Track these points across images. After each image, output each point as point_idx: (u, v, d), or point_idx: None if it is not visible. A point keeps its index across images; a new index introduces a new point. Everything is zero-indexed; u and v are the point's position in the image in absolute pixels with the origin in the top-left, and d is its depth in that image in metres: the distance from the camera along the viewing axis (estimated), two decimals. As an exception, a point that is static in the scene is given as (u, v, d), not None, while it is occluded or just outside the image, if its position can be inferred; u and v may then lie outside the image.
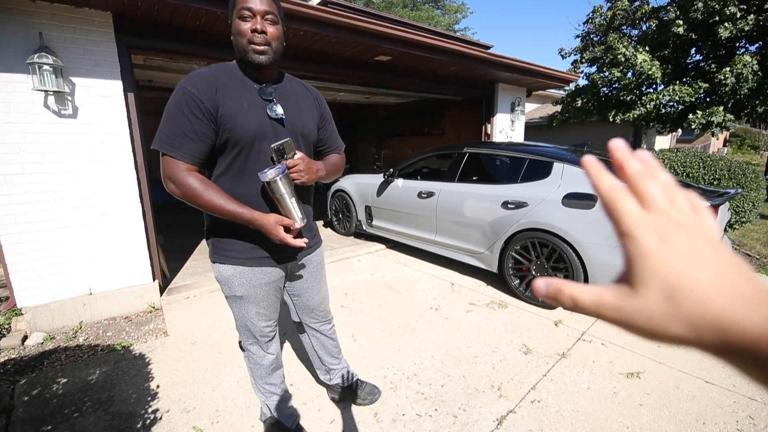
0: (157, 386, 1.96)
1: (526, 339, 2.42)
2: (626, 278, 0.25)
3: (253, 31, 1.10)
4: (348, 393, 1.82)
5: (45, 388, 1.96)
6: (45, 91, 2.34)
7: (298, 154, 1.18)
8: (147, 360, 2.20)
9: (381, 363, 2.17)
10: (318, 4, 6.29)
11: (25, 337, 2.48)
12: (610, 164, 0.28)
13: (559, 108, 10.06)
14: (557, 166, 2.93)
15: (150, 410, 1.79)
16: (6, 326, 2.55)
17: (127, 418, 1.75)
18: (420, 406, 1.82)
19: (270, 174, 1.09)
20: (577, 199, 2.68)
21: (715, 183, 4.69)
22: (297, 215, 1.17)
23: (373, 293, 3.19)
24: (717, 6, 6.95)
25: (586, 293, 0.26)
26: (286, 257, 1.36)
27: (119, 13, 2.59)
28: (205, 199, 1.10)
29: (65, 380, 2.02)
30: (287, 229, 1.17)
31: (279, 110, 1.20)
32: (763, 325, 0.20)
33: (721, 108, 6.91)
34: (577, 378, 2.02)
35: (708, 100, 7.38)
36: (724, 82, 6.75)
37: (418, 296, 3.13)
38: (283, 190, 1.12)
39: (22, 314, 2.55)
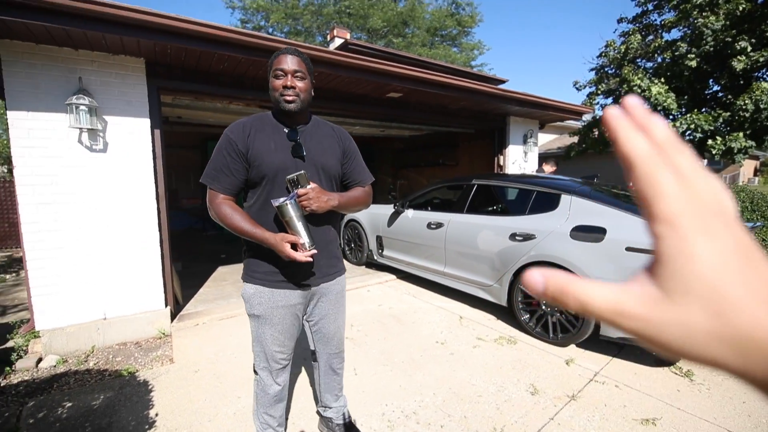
0: (156, 414, 1.97)
1: (534, 378, 2.31)
2: (655, 279, 0.19)
3: (284, 87, 1.33)
4: None
5: (50, 412, 2.00)
6: (80, 128, 2.58)
7: (311, 185, 1.33)
8: (150, 387, 2.23)
9: (380, 399, 2.11)
10: (339, 45, 6.72)
11: (40, 359, 2.57)
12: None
13: (576, 139, 10.03)
14: (565, 198, 2.90)
15: (147, 439, 1.80)
16: (24, 348, 2.65)
17: (123, 446, 1.76)
18: (417, 447, 1.75)
19: (281, 200, 1.27)
20: (585, 232, 2.63)
21: (741, 216, 4.48)
22: (305, 238, 1.29)
23: (380, 325, 3.15)
24: (728, 39, 6.95)
25: (599, 296, 0.21)
26: (306, 283, 1.45)
27: (151, 59, 2.86)
28: (230, 221, 1.33)
29: (70, 404, 2.06)
30: (295, 248, 1.28)
31: (301, 149, 1.40)
32: None
33: (741, 134, 6.74)
34: (587, 423, 1.89)
35: (728, 128, 7.22)
36: (743, 107, 6.63)
37: (425, 329, 3.06)
38: (292, 213, 1.26)
39: (39, 337, 2.66)
